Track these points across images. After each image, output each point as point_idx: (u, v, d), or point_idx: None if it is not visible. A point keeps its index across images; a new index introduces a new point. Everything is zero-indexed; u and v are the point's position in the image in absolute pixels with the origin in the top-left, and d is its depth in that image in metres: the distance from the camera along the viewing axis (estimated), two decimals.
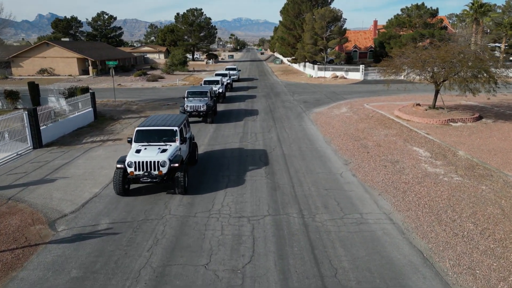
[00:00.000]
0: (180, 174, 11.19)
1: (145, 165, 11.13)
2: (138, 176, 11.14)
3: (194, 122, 22.08)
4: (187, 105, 21.61)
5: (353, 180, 12.86)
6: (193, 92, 23.07)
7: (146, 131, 12.58)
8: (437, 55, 20.04)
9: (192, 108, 21.50)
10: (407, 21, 47.31)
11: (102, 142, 18.01)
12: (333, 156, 15.60)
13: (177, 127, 12.61)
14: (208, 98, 22.57)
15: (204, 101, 21.97)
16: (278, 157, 15.51)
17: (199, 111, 21.50)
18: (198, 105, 21.54)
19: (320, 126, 21.36)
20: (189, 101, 22.31)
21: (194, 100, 22.30)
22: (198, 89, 23.60)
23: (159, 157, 11.23)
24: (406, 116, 22.05)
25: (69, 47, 54.89)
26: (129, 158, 11.23)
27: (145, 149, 11.77)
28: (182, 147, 12.66)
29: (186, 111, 21.39)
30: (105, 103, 30.73)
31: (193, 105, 21.56)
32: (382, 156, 15.39)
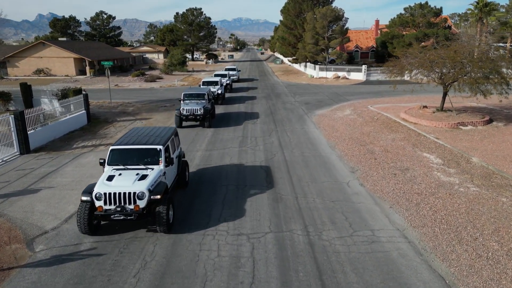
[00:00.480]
0: (162, 208, 8.85)
1: (118, 198, 8.79)
2: (109, 213, 8.76)
3: (191, 126, 21.10)
4: (183, 108, 20.40)
5: (361, 190, 11.91)
6: (190, 95, 21.76)
7: (123, 151, 10.17)
8: (446, 55, 19.08)
9: (188, 111, 20.26)
10: (410, 21, 46.35)
11: (94, 147, 17.06)
12: (338, 163, 14.64)
13: (161, 146, 10.15)
14: (205, 101, 21.33)
15: (202, 104, 20.78)
16: (280, 163, 14.55)
17: (196, 114, 20.22)
18: (195, 108, 20.30)
19: (323, 130, 20.40)
20: (185, 103, 21.04)
21: (190, 103, 21.01)
22: (195, 91, 22.35)
23: (136, 187, 8.87)
24: (413, 119, 21.09)
25: (66, 47, 53.93)
26: (98, 188, 8.89)
27: (119, 175, 9.36)
28: (168, 170, 10.34)
29: (182, 114, 20.23)
30: (101, 104, 29.79)
31: (189, 108, 20.32)
32: (391, 163, 14.44)
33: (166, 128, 11.99)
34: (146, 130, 11.71)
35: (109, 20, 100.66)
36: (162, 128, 12.00)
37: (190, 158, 15.23)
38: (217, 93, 27.83)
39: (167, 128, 12.12)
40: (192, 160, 15.00)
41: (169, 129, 11.87)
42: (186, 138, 18.54)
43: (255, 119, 23.41)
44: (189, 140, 18.26)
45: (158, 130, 11.72)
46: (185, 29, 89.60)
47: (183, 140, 18.05)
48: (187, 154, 15.82)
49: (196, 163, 14.71)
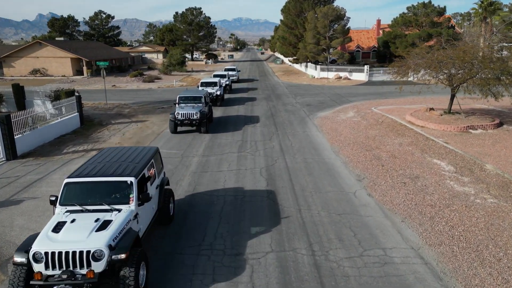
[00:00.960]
0: (129, 271, 6.35)
1: (65, 259, 6.29)
2: (50, 282, 6.22)
3: (186, 131, 20.17)
4: (178, 112, 18.98)
5: (369, 201, 11.02)
6: (186, 98, 20.27)
7: (82, 186, 7.74)
8: (455, 55, 18.20)
9: (183, 116, 18.87)
10: (413, 20, 45.45)
11: (85, 152, 16.18)
12: (343, 170, 13.76)
13: (133, 178, 7.70)
14: (202, 104, 19.84)
15: (198, 108, 19.35)
16: (281, 171, 13.67)
17: (192, 119, 18.83)
18: (190, 112, 18.89)
19: (326, 133, 19.52)
20: (180, 107, 19.58)
21: (186, 106, 19.59)
22: (191, 93, 20.87)
23: (91, 243, 6.40)
24: (419, 122, 20.20)
25: (63, 46, 53.07)
26: (38, 245, 6.40)
27: (72, 221, 6.94)
28: (143, 209, 7.88)
29: (176, 119, 18.92)
30: (96, 106, 28.94)
31: (185, 113, 18.90)
32: (399, 170, 13.55)
33: (145, 150, 9.54)
34: (119, 153, 9.17)
35: (108, 19, 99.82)
36: (139, 150, 9.50)
37: (186, 165, 14.37)
38: (216, 94, 26.93)
39: (147, 149, 9.64)
40: (188, 167, 14.12)
41: (149, 151, 9.45)
42: (182, 143, 17.67)
43: (255, 121, 22.52)
44: (186, 144, 17.39)
45: (134, 152, 9.25)
46: (185, 28, 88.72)
47: (178, 145, 17.21)
48: (182, 160, 14.97)
49: (192, 169, 13.82)
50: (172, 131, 19.22)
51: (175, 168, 13.99)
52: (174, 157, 15.33)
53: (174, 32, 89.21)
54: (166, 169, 11.61)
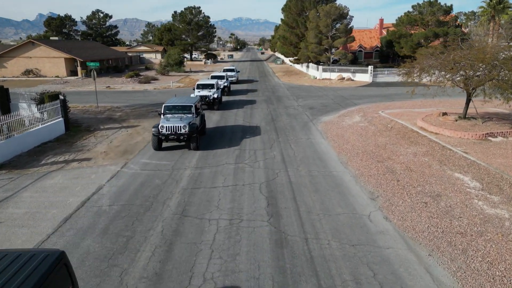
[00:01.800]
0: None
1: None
2: None
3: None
4: (163, 125, 15.74)
5: (387, 227, 9.42)
6: (173, 107, 17.16)
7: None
8: (474, 56, 16.59)
9: (169, 129, 15.63)
10: (419, 19, 43.83)
11: (65, 164, 14.56)
12: (354, 186, 12.15)
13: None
14: (192, 115, 16.82)
15: (187, 119, 16.21)
16: (284, 187, 12.07)
17: (179, 134, 15.61)
18: (177, 125, 15.64)
19: (331, 140, 17.92)
20: (166, 119, 16.44)
21: (173, 118, 16.44)
22: (180, 101, 17.63)
23: None
24: (433, 128, 18.59)
25: (57, 46, 51.43)
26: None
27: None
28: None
29: (160, 133, 15.70)
30: (87, 109, 27.33)
31: (171, 126, 15.67)
32: (418, 186, 11.95)
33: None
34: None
35: (105, 19, 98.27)
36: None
37: (176, 179, 12.77)
38: (213, 97, 25.24)
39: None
40: (178, 182, 12.52)
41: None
42: (173, 152, 16.00)
43: (255, 127, 20.92)
44: (178, 154, 15.75)
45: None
46: (184, 28, 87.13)
47: (169, 155, 15.53)
48: (173, 173, 13.38)
49: (183, 185, 12.21)
50: (155, 148, 16.01)
51: (164, 183, 12.38)
52: (164, 170, 13.73)
53: (173, 32, 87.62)
54: (154, 184, 12.26)
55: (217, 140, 18.13)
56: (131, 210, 10.30)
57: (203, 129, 18.76)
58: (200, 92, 25.54)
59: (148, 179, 12.73)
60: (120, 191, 11.70)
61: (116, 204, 10.69)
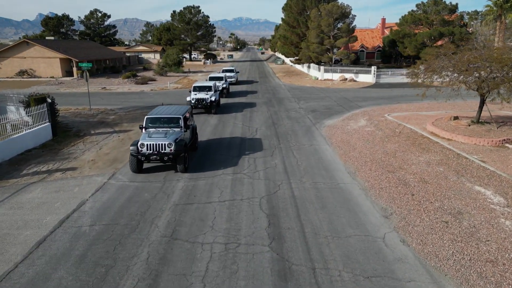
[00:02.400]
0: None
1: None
2: None
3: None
4: (143, 142, 12.96)
5: (406, 253, 8.23)
6: (157, 119, 14.39)
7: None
8: (491, 57, 15.39)
9: (150, 147, 12.94)
10: (423, 18, 42.60)
11: (48, 174, 13.37)
12: (364, 201, 10.96)
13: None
14: (180, 129, 14.07)
15: (173, 135, 13.45)
16: (286, 202, 10.88)
17: (163, 153, 12.93)
18: (161, 142, 12.95)
19: (337, 147, 16.74)
20: (147, 134, 13.61)
21: (156, 133, 13.63)
22: (165, 112, 14.84)
23: None
24: (445, 134, 17.40)
25: (52, 46, 50.21)
26: None
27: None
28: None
29: (139, 152, 12.92)
30: (79, 112, 26.14)
31: (152, 144, 12.92)
32: (435, 201, 10.76)
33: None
34: None
35: (103, 18, 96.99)
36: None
37: (168, 193, 11.57)
38: (210, 100, 23.88)
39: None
40: (169, 196, 11.33)
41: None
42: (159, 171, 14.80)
43: (254, 132, 19.73)
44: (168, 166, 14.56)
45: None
46: (182, 28, 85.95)
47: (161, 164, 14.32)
48: (164, 185, 12.19)
49: (174, 200, 11.02)
50: (134, 171, 13.22)
51: (153, 198, 11.19)
52: (155, 181, 12.54)
53: (172, 32, 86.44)
54: (142, 198, 11.04)
55: (212, 152, 16.93)
56: (114, 232, 9.11)
57: (195, 144, 16.00)
58: (197, 95, 24.19)
59: (136, 193, 11.54)
60: (104, 207, 10.51)
61: (98, 224, 9.50)
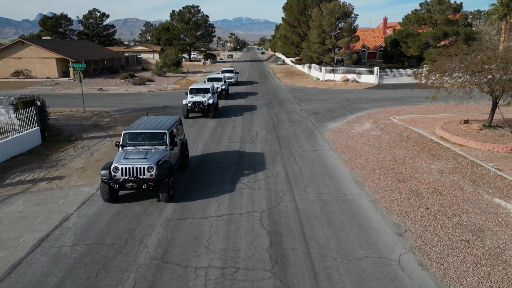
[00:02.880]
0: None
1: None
2: None
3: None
4: (117, 166, 10.27)
5: (426, 279, 7.29)
6: (137, 135, 11.70)
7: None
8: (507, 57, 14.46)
9: (126, 172, 10.25)
10: (427, 17, 41.67)
11: (32, 184, 12.43)
12: (374, 215, 10.02)
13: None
14: (165, 147, 11.48)
15: (156, 156, 10.80)
16: (290, 217, 9.94)
17: (142, 179, 10.27)
18: (139, 166, 10.27)
19: (342, 153, 15.80)
20: (124, 153, 10.93)
21: (135, 153, 10.95)
22: (148, 126, 12.14)
23: None
24: (455, 139, 16.46)
25: (48, 46, 49.24)
26: None
27: None
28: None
29: (112, 178, 10.23)
30: (73, 114, 25.19)
31: (128, 167, 10.25)
32: (453, 216, 9.82)
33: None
34: None
35: (102, 18, 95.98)
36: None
37: (160, 205, 10.62)
38: (208, 103, 22.70)
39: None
40: (162, 209, 10.38)
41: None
42: None
43: (254, 136, 18.79)
44: None
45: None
46: (182, 27, 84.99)
47: None
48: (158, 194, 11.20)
49: (167, 215, 10.08)
50: (106, 200, 10.59)
51: (144, 212, 10.25)
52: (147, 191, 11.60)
53: (171, 31, 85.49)
54: (132, 212, 9.76)
55: (212, 150, 16.00)
56: (99, 253, 8.17)
57: (184, 162, 13.47)
58: (194, 98, 22.91)
59: (126, 206, 10.59)
60: (90, 223, 9.57)
61: (81, 244, 8.56)
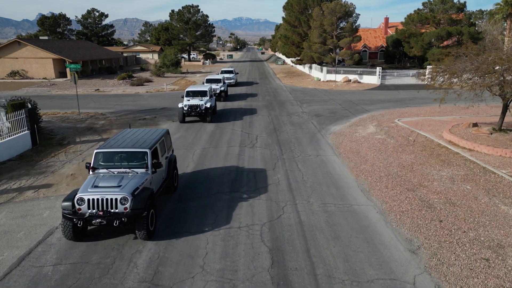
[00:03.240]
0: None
1: None
2: None
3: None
4: (82, 196, 8.27)
5: None
6: (112, 155, 9.59)
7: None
8: None
9: (92, 205, 8.26)
10: (430, 17, 40.94)
11: (18, 193, 11.68)
12: (384, 229, 9.28)
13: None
14: (145, 172, 9.35)
15: (130, 187, 8.59)
16: (292, 230, 9.19)
17: (112, 214, 8.26)
18: (108, 197, 8.29)
19: (346, 158, 15.06)
20: (95, 178, 8.93)
21: (103, 183, 8.69)
22: (126, 144, 9.97)
23: None
24: (465, 143, 15.71)
25: (45, 46, 48.49)
26: None
27: None
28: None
29: (77, 214, 8.22)
30: (67, 116, 24.46)
31: (95, 198, 8.28)
32: (468, 230, 9.07)
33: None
34: None
35: (101, 18, 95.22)
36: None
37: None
38: (205, 107, 21.38)
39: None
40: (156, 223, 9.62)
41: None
42: None
43: (254, 141, 18.04)
44: None
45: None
46: (181, 27, 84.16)
47: None
48: None
49: (159, 227, 9.34)
50: (69, 238, 8.46)
51: None
52: None
53: (170, 31, 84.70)
54: None
55: (210, 157, 15.26)
56: (83, 274, 7.43)
57: (172, 184, 11.25)
58: (190, 101, 21.70)
59: None
60: None
61: (64, 263, 7.81)
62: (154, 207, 9.08)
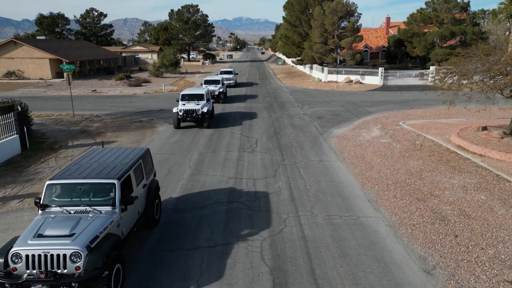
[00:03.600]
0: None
1: None
2: None
3: (160, 161, 14.71)
4: (18, 252, 6.04)
5: None
6: (69, 189, 7.40)
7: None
8: None
9: (33, 264, 6.00)
10: (433, 16, 40.20)
11: (1, 203, 10.93)
12: (395, 245, 8.53)
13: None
14: (111, 211, 7.13)
15: (87, 235, 6.33)
16: (295, 247, 8.44)
17: (57, 276, 5.97)
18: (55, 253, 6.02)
19: (351, 164, 14.32)
20: (40, 224, 6.60)
21: (52, 229, 6.41)
22: (88, 173, 7.68)
23: None
24: (475, 148, 14.97)
25: (41, 46, 47.75)
26: None
27: None
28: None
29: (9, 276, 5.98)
30: (61, 118, 23.71)
31: (37, 254, 6.00)
32: (487, 247, 8.33)
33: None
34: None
35: (100, 17, 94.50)
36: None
37: (141, 235, 9.13)
38: (201, 112, 19.99)
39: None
40: (145, 239, 8.89)
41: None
42: None
43: (254, 145, 17.29)
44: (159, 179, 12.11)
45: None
46: (180, 27, 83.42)
47: None
48: None
49: (151, 244, 8.59)
50: None
51: None
52: None
53: (170, 31, 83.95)
54: None
55: (208, 162, 14.51)
56: None
57: (151, 216, 9.03)
58: (185, 106, 20.17)
59: None
60: None
61: None
62: (122, 260, 6.73)
